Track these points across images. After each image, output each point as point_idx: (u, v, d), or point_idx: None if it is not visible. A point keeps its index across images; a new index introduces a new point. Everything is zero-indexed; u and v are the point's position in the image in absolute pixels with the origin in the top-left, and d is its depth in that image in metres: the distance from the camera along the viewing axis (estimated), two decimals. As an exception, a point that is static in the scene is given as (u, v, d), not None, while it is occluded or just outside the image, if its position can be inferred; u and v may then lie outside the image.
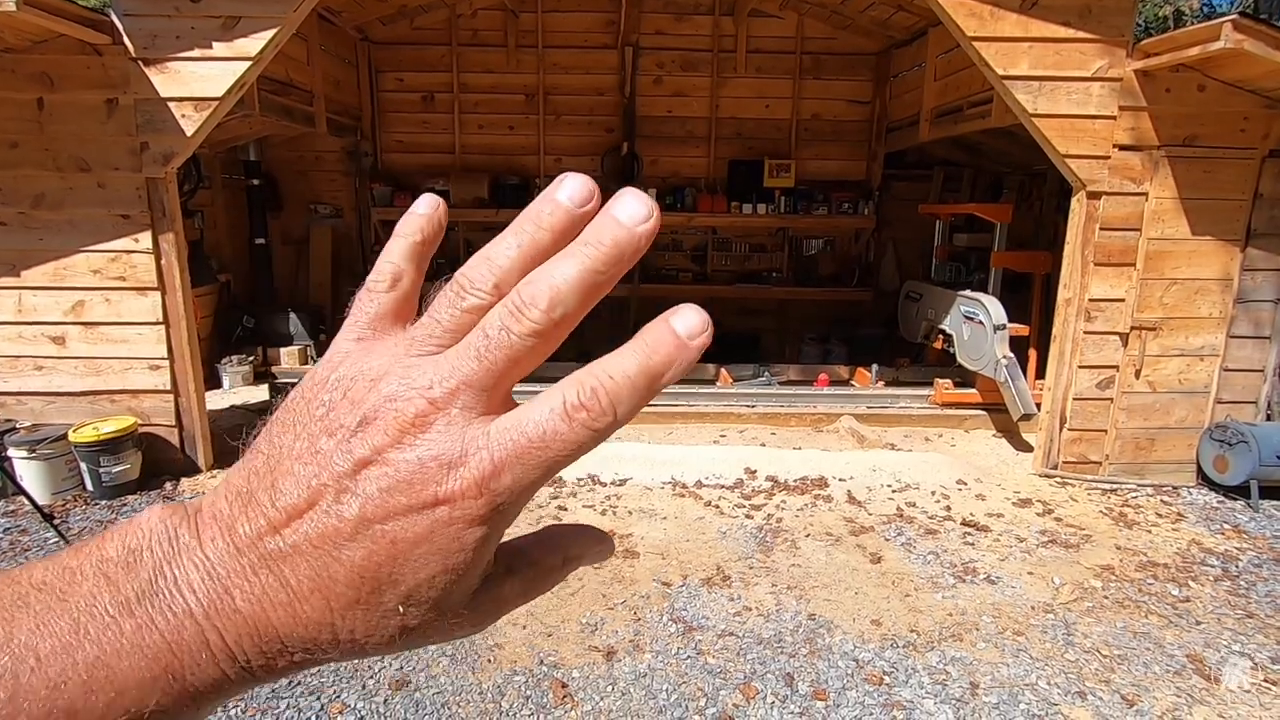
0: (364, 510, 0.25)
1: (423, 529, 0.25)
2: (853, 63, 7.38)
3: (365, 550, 0.25)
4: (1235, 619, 3.09)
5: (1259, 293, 4.36)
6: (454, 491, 0.25)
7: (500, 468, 0.25)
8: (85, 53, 3.88)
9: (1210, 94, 4.07)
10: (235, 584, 0.25)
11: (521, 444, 0.25)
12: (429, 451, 0.25)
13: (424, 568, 0.25)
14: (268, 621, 0.25)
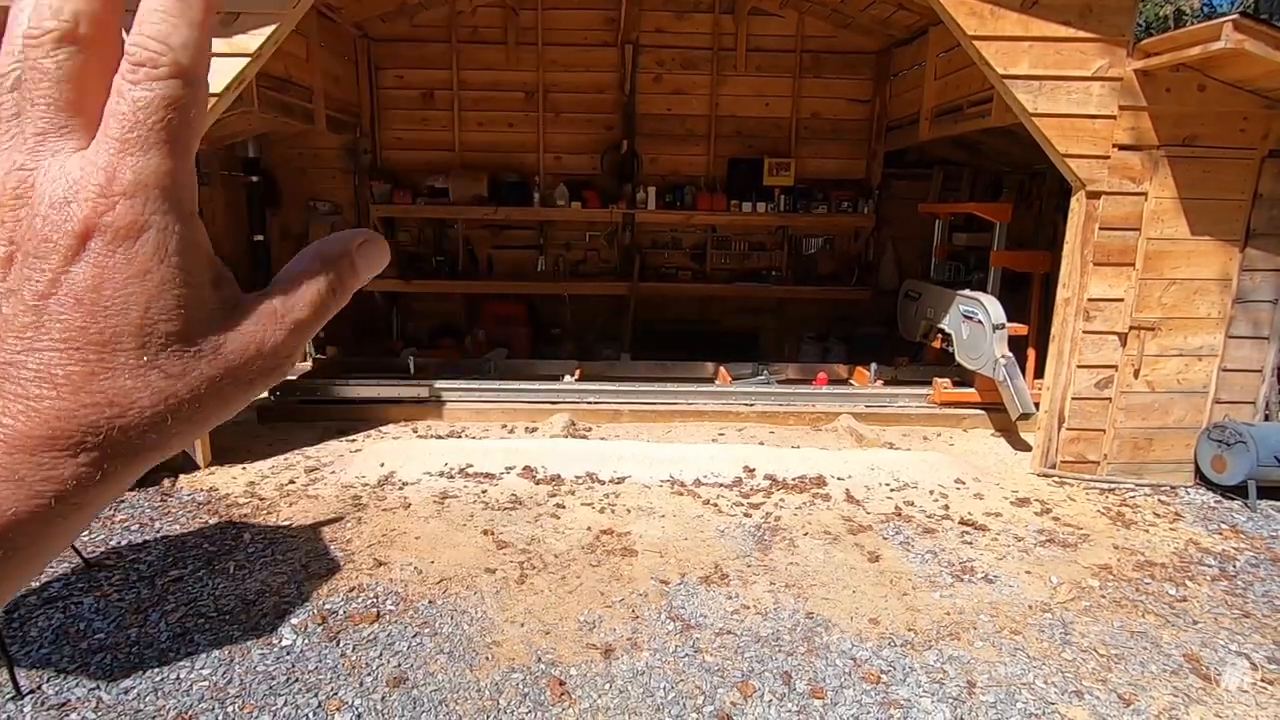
0: (34, 292, 0.25)
1: (93, 272, 0.25)
2: (853, 61, 7.37)
3: (59, 324, 0.25)
4: (1232, 619, 3.09)
5: (1258, 293, 4.37)
6: (87, 218, 0.24)
7: (112, 170, 0.25)
8: (84, 48, 3.87)
9: (1210, 94, 4.07)
10: None
11: (116, 137, 0.25)
12: (44, 204, 0.25)
13: (130, 305, 0.25)
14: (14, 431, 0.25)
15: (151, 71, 0.25)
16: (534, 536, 3.65)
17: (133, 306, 0.25)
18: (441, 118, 7.41)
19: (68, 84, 0.25)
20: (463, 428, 5.39)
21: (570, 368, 6.28)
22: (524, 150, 7.52)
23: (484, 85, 7.35)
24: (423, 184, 7.28)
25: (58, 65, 0.25)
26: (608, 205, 7.33)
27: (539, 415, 5.51)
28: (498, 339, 7.34)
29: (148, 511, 3.89)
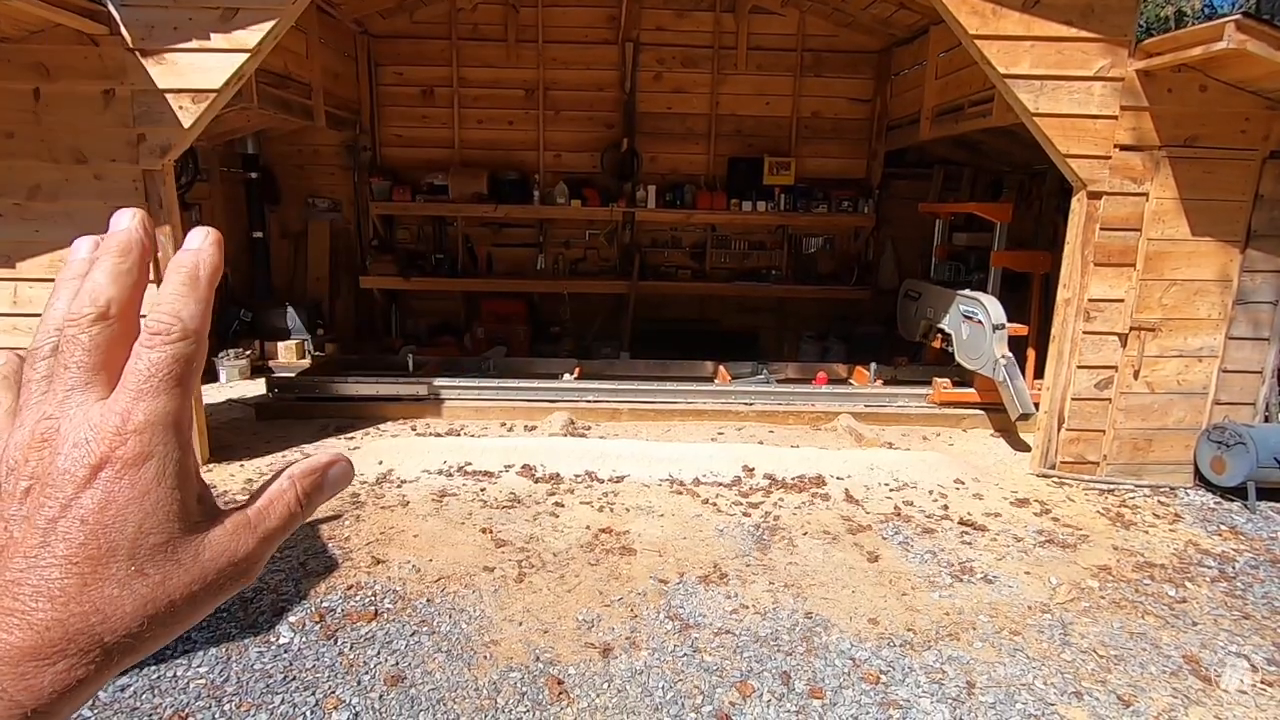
0: (45, 517, 0.28)
1: (101, 496, 0.29)
2: (854, 60, 7.36)
3: (64, 543, 0.28)
4: (1232, 620, 3.09)
5: (1258, 294, 4.36)
6: (103, 453, 0.29)
7: (128, 413, 0.29)
8: (82, 43, 3.86)
9: (1212, 94, 4.07)
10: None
11: (133, 388, 0.30)
12: (67, 444, 0.29)
13: (127, 521, 0.29)
14: (6, 645, 0.27)
15: (165, 337, 0.30)
16: (533, 535, 3.64)
17: (129, 523, 0.29)
18: (441, 115, 7.39)
19: (97, 351, 0.30)
20: (461, 426, 5.38)
21: (569, 366, 6.27)
22: (524, 148, 7.50)
23: (484, 82, 7.33)
24: (422, 181, 7.27)
25: (90, 338, 0.30)
26: (607, 203, 7.32)
27: (538, 414, 5.50)
28: (497, 337, 7.33)
29: (145, 508, 3.88)
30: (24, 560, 0.28)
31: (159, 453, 0.29)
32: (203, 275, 0.32)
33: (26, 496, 0.29)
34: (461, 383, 5.68)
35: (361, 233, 7.60)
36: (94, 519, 0.28)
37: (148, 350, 0.30)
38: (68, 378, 0.30)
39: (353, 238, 7.66)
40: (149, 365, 0.30)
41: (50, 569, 0.28)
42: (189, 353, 0.31)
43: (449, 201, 7.22)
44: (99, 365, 0.30)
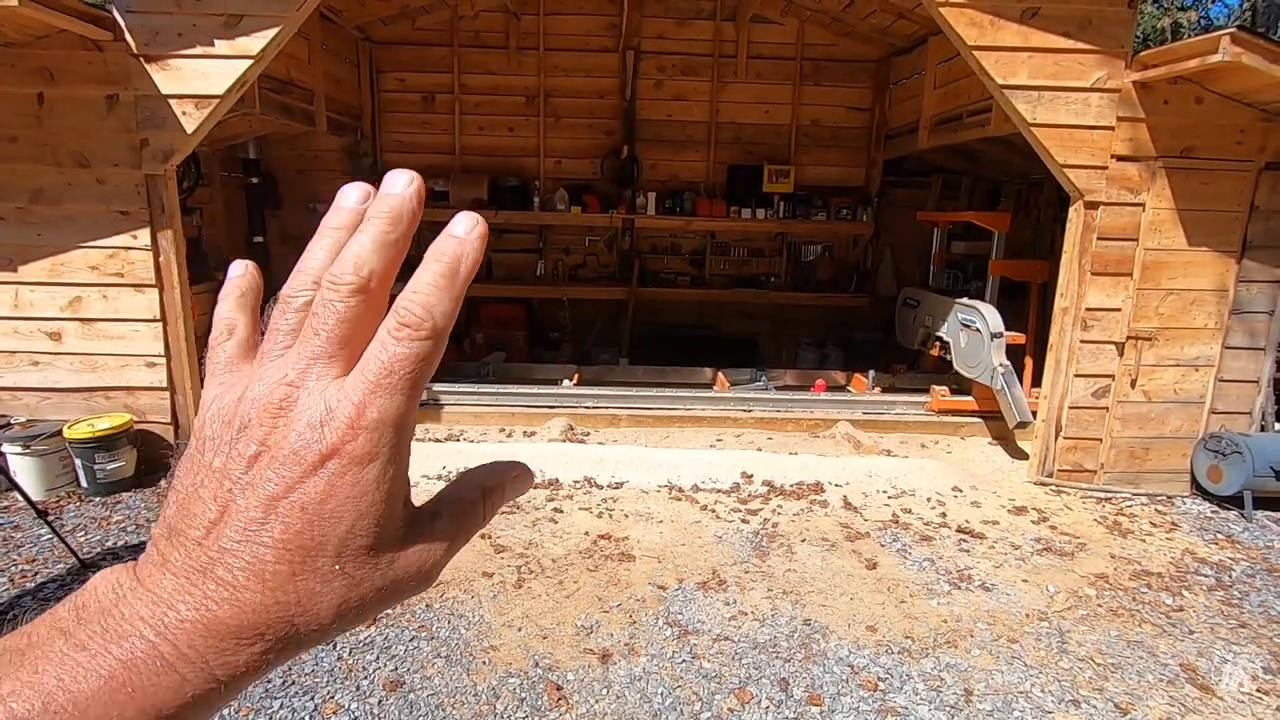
0: (268, 493, 0.28)
1: (324, 486, 0.28)
2: (853, 69, 7.41)
3: (282, 525, 0.28)
4: (1228, 629, 3.10)
5: (1254, 304, 4.39)
6: (334, 443, 0.28)
7: (363, 406, 0.29)
8: (86, 48, 3.88)
9: (1208, 106, 4.10)
10: (178, 600, 0.28)
11: (372, 380, 0.29)
12: (301, 422, 0.29)
13: (342, 519, 0.29)
14: (215, 619, 0.27)
15: (414, 333, 0.29)
16: (532, 541, 3.65)
17: (344, 520, 0.29)
18: (442, 121, 7.42)
19: (348, 324, 0.29)
20: (460, 431, 5.38)
21: (569, 372, 6.28)
22: (524, 154, 7.53)
23: (485, 89, 7.37)
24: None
25: (347, 309, 0.29)
26: (607, 210, 7.35)
27: (537, 419, 5.51)
28: (496, 342, 7.34)
29: (144, 513, 3.88)
30: (242, 534, 0.28)
31: (383, 455, 0.29)
32: (463, 270, 0.31)
33: (254, 463, 0.29)
34: (460, 388, 5.69)
35: (362, 238, 7.60)
36: (314, 509, 0.28)
37: (394, 343, 0.29)
38: (316, 344, 0.30)
39: (353, 243, 7.66)
40: (391, 359, 0.29)
41: (265, 549, 0.28)
42: (432, 354, 0.30)
43: (449, 207, 7.23)
44: (346, 339, 0.30)
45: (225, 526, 0.28)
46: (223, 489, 0.29)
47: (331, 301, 0.29)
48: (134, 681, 0.26)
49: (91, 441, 3.96)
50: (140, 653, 0.27)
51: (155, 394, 4.31)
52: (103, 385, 4.29)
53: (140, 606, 0.28)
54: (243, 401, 0.30)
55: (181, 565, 0.28)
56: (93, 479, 4.02)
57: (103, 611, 0.28)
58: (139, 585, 0.28)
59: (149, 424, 4.32)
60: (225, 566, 0.28)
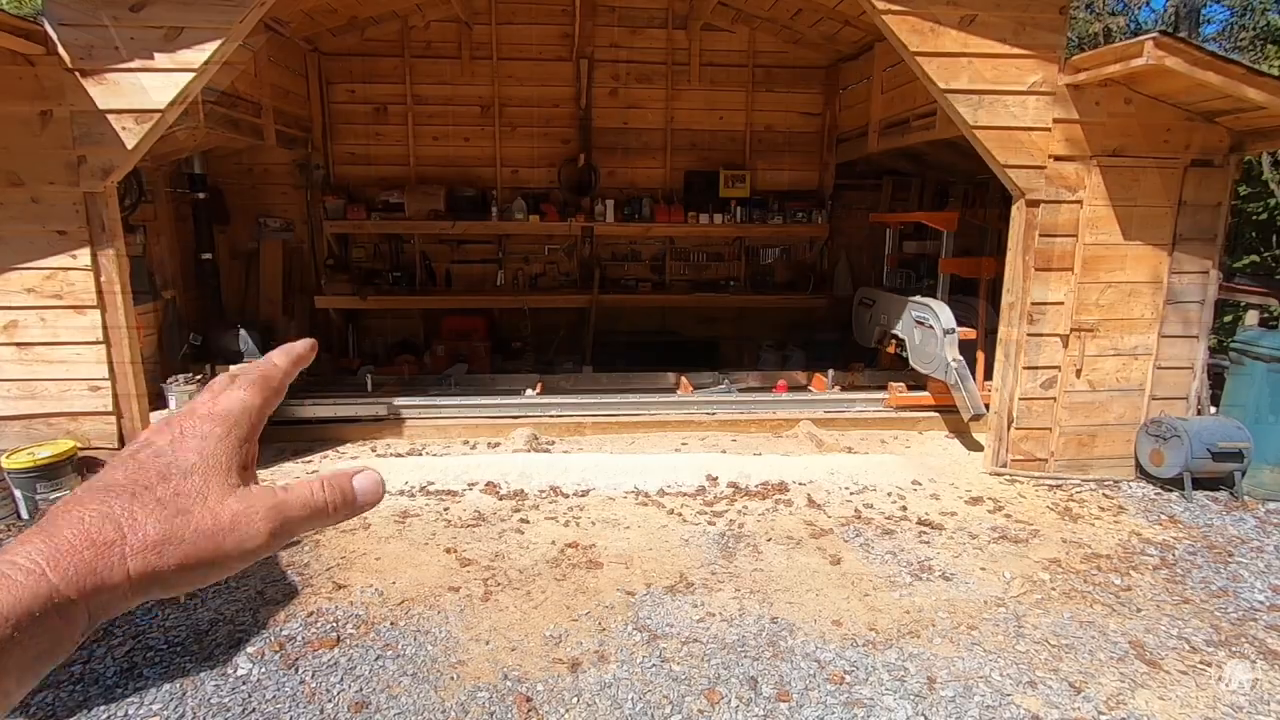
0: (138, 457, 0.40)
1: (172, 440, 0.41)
2: (803, 76, 7.56)
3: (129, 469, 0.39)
4: (1173, 605, 3.24)
5: (1187, 294, 4.61)
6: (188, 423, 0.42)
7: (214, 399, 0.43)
8: (16, 63, 3.74)
9: (1136, 107, 4.30)
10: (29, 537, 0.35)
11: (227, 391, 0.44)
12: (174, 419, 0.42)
13: (183, 461, 0.39)
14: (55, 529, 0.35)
15: (262, 366, 0.46)
16: (498, 553, 3.62)
17: (179, 468, 0.39)
18: (395, 132, 7.34)
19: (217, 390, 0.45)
20: (423, 445, 5.31)
21: (532, 381, 6.25)
22: (480, 164, 7.49)
23: (438, 99, 7.31)
24: (377, 199, 7.19)
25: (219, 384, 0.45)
26: (566, 218, 7.35)
27: (501, 430, 5.47)
28: (458, 354, 7.26)
29: (91, 542, 3.73)
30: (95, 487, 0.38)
31: (226, 423, 0.41)
32: (296, 349, 0.48)
33: (124, 454, 0.40)
34: (422, 401, 5.62)
35: (315, 252, 7.47)
36: (166, 457, 0.39)
37: (246, 374, 0.45)
38: (195, 401, 0.44)
39: (306, 257, 7.52)
40: (242, 378, 0.44)
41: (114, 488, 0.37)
42: (271, 374, 0.45)
43: (405, 219, 7.16)
44: (214, 397, 0.44)
45: (90, 488, 0.38)
46: (100, 474, 0.39)
47: (209, 387, 0.45)
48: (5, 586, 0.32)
49: (32, 471, 3.80)
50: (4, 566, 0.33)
51: (100, 419, 4.16)
52: (43, 412, 4.12)
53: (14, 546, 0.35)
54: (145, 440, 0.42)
55: (45, 524, 0.36)
56: (34, 510, 3.86)
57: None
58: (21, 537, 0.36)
59: (94, 450, 4.16)
60: (78, 501, 0.36)
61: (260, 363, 0.46)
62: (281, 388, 0.46)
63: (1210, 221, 4.53)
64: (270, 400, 0.45)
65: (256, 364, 0.46)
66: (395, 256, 7.58)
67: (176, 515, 0.37)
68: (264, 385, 0.44)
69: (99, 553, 0.34)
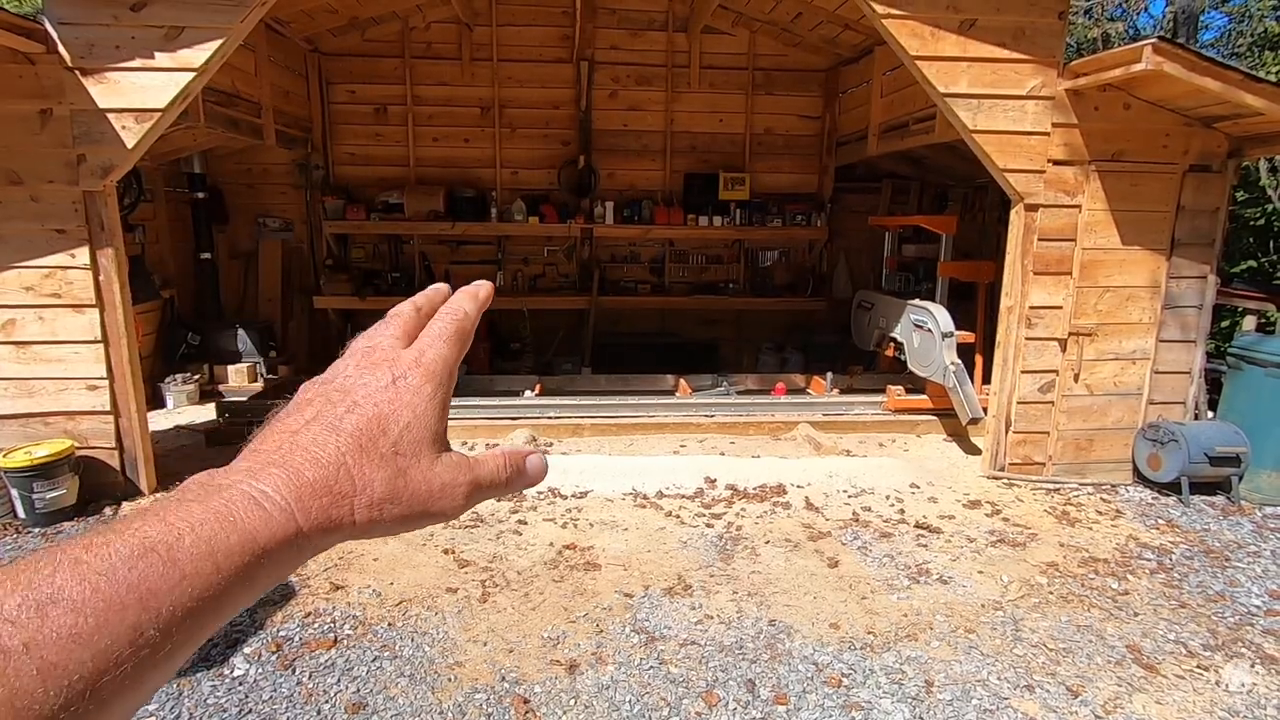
0: (350, 400, 0.40)
1: (391, 395, 0.40)
2: (803, 79, 7.58)
3: (356, 417, 0.39)
4: (1170, 609, 3.24)
5: (1185, 298, 4.62)
6: (400, 371, 0.42)
7: (421, 352, 0.43)
8: (17, 61, 3.74)
9: (1135, 112, 4.31)
10: (270, 463, 0.37)
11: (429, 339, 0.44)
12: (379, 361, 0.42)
13: (400, 417, 0.40)
14: (298, 471, 0.36)
15: (454, 315, 0.46)
16: (496, 554, 3.61)
17: (402, 419, 0.40)
18: (395, 133, 7.34)
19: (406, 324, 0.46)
20: (421, 446, 5.30)
21: (530, 383, 6.25)
22: (480, 165, 7.49)
23: (438, 100, 7.31)
24: (377, 199, 7.19)
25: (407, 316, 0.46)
26: (565, 220, 7.36)
27: (499, 431, 5.46)
28: (456, 355, 7.25)
29: (88, 542, 3.72)
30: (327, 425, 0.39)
31: (435, 381, 0.42)
32: (480, 295, 0.48)
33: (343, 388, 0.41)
34: (421, 402, 5.60)
35: (315, 252, 7.47)
36: (382, 408, 0.40)
37: (440, 321, 0.45)
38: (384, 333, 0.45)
39: (305, 257, 7.52)
40: (440, 328, 0.45)
41: (343, 434, 0.38)
42: (466, 327, 0.46)
43: (404, 220, 7.16)
44: (405, 333, 0.45)
45: (314, 424, 0.39)
46: (312, 406, 0.40)
47: (397, 314, 0.46)
48: (233, 513, 0.34)
49: (29, 470, 3.79)
50: (237, 495, 0.34)
51: (97, 418, 4.15)
52: (40, 411, 4.11)
53: (235, 474, 0.36)
54: (333, 369, 0.43)
55: (275, 444, 0.38)
56: (30, 509, 3.85)
57: (203, 482, 0.36)
58: (232, 467, 0.37)
59: (92, 449, 4.15)
60: (311, 439, 0.38)
61: (454, 311, 0.46)
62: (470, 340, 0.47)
63: (1208, 227, 4.54)
64: (462, 354, 0.46)
65: (450, 310, 0.46)
66: (394, 257, 7.58)
67: (398, 476, 0.39)
68: (462, 341, 0.45)
69: (335, 501, 0.37)
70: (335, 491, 0.37)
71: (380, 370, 0.41)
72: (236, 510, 0.34)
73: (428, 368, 0.42)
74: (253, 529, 0.34)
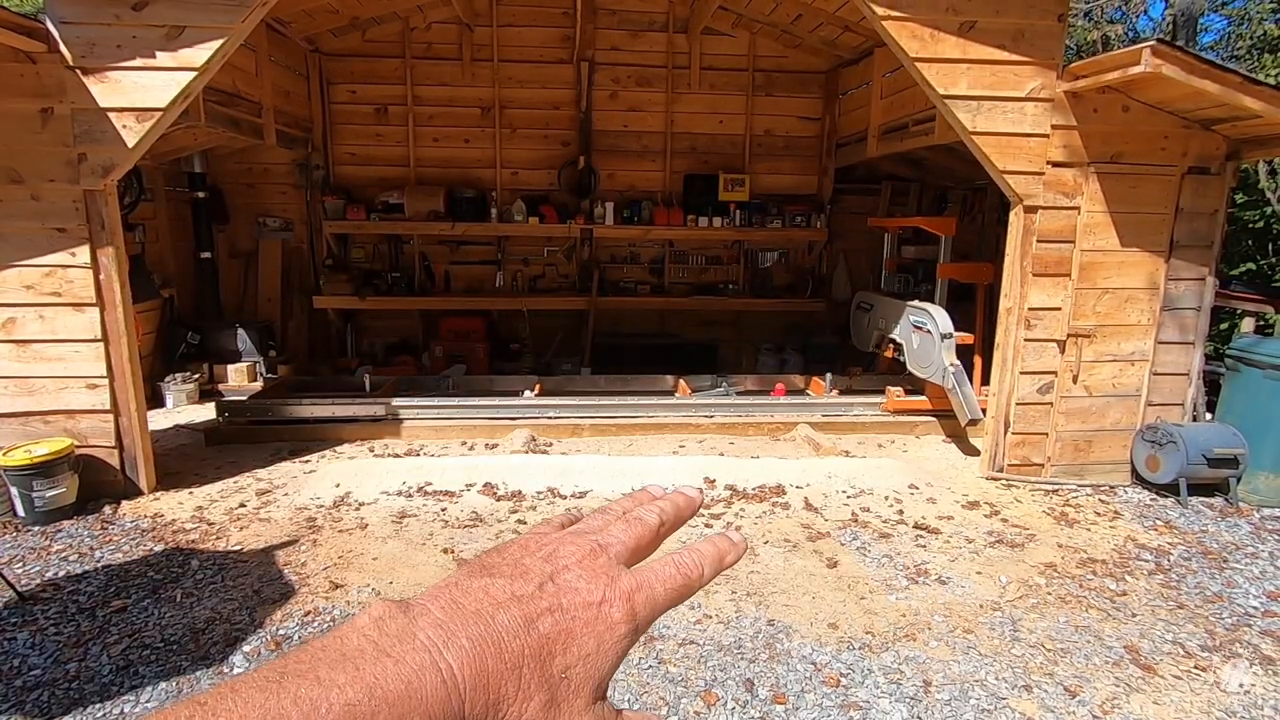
0: (552, 603, 0.37)
1: (591, 616, 0.38)
2: (803, 80, 7.59)
3: (552, 622, 0.37)
4: (1168, 610, 3.25)
5: (1183, 300, 4.63)
6: (607, 598, 0.38)
7: (636, 589, 0.39)
8: (18, 60, 3.74)
9: (1134, 114, 4.32)
10: (460, 631, 0.35)
11: (654, 578, 0.41)
12: (596, 572, 0.39)
13: (584, 644, 0.37)
14: (480, 656, 0.34)
15: (688, 570, 0.42)
16: (495, 553, 3.61)
17: (582, 649, 0.37)
18: (396, 133, 7.35)
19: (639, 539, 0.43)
20: (421, 445, 5.31)
21: (530, 383, 6.26)
22: (480, 165, 7.50)
23: (439, 101, 7.32)
24: (377, 199, 7.19)
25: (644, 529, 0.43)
26: (565, 220, 7.37)
27: (499, 431, 5.47)
28: (456, 355, 7.26)
29: (87, 540, 3.72)
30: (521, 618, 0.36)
31: (633, 627, 0.39)
32: (726, 560, 0.45)
33: (553, 579, 0.38)
34: (420, 402, 5.62)
35: (315, 252, 7.47)
36: (578, 626, 0.37)
37: (673, 567, 0.42)
38: (619, 536, 0.42)
39: (305, 257, 7.52)
40: (668, 575, 0.41)
41: (529, 635, 0.36)
42: (692, 587, 0.42)
43: (405, 220, 7.16)
44: (635, 547, 0.42)
45: (515, 605, 0.36)
46: (524, 582, 0.38)
47: (639, 519, 0.44)
48: (423, 690, 0.32)
49: (29, 468, 3.79)
50: (429, 665, 0.33)
51: (97, 417, 4.15)
52: (40, 409, 4.12)
53: (431, 630, 0.34)
54: (560, 542, 0.41)
55: (473, 614, 0.36)
56: (30, 507, 3.85)
57: (401, 629, 0.34)
58: (428, 613, 0.35)
59: (91, 448, 4.16)
60: (505, 628, 0.35)
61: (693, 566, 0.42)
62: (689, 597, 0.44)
63: (1207, 229, 4.55)
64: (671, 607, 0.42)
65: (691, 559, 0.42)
66: (394, 257, 7.59)
67: (551, 706, 0.36)
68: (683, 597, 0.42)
69: (497, 701, 0.34)
70: (501, 694, 0.35)
71: (596, 581, 0.39)
72: (425, 686, 0.32)
73: (635, 607, 0.39)
74: (432, 713, 0.32)
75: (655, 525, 0.44)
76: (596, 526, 0.43)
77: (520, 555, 0.40)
